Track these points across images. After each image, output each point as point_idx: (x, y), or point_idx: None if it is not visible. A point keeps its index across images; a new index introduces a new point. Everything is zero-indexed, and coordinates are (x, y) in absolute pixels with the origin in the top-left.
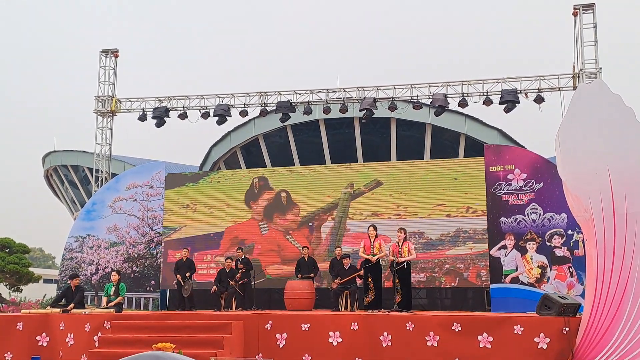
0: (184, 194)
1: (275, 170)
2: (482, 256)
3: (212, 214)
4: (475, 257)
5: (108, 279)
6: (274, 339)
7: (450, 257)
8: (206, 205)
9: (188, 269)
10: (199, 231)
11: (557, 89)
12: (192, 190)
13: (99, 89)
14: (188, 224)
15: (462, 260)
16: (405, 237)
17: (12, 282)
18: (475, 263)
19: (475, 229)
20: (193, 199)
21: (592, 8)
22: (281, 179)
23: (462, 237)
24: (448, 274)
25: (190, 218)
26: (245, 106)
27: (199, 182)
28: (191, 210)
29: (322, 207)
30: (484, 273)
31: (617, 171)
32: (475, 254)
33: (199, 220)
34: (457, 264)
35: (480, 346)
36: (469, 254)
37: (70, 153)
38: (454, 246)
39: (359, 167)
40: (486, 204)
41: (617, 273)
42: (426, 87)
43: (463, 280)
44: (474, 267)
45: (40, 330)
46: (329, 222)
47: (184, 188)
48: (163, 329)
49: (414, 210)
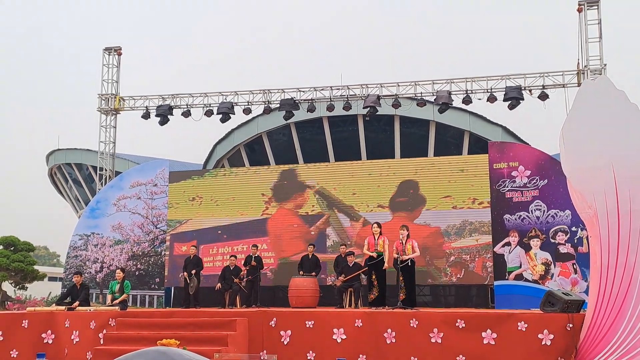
0: (189, 187)
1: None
2: (488, 247)
3: (217, 207)
4: (481, 249)
5: (113, 276)
6: (279, 336)
7: (456, 249)
8: (212, 198)
9: (195, 266)
10: (205, 224)
11: (561, 86)
12: (197, 183)
13: (102, 87)
14: (193, 216)
15: (467, 252)
16: (408, 234)
17: (17, 280)
18: (480, 255)
19: (482, 220)
20: (198, 192)
21: (596, 4)
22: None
23: (467, 229)
24: (454, 265)
25: (196, 211)
26: (249, 104)
27: (204, 176)
28: (197, 204)
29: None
30: (489, 264)
31: (621, 168)
32: (482, 245)
33: (205, 213)
34: (462, 255)
35: (484, 343)
36: (475, 246)
37: (74, 151)
38: (460, 238)
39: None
40: (490, 200)
41: (621, 270)
42: (430, 84)
43: (469, 272)
44: (480, 258)
45: (45, 327)
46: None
47: (189, 181)
48: (168, 326)
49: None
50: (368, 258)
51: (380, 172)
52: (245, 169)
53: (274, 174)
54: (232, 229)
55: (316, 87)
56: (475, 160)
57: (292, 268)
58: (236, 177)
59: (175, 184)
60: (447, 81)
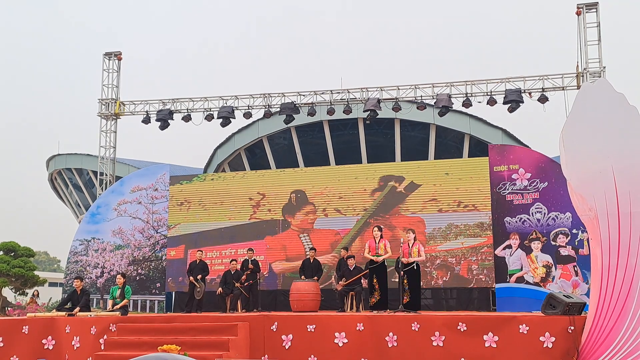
0: (177, 192)
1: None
2: (474, 250)
3: (205, 211)
4: (466, 252)
5: (113, 281)
6: (280, 340)
7: (442, 252)
8: (215, 202)
9: (201, 271)
10: (208, 227)
11: (561, 89)
12: (185, 188)
13: (102, 92)
14: (182, 221)
15: (453, 255)
16: (414, 237)
17: (17, 286)
18: (466, 258)
19: (467, 223)
20: (186, 196)
21: (595, 7)
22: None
23: (453, 232)
24: (439, 268)
25: (184, 215)
26: (249, 108)
27: (192, 181)
28: (185, 208)
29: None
30: (475, 267)
31: (621, 170)
32: (467, 248)
33: (193, 218)
34: (448, 258)
35: (486, 346)
36: (461, 249)
37: (75, 156)
38: (446, 241)
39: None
40: (491, 203)
41: (622, 272)
42: (430, 87)
43: (454, 274)
44: (466, 261)
45: (46, 333)
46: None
47: (177, 186)
48: (169, 331)
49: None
50: (369, 261)
51: (365, 175)
52: (232, 174)
53: (263, 178)
54: (220, 233)
55: (316, 90)
56: (475, 163)
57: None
58: (224, 181)
59: (174, 187)
60: (447, 84)
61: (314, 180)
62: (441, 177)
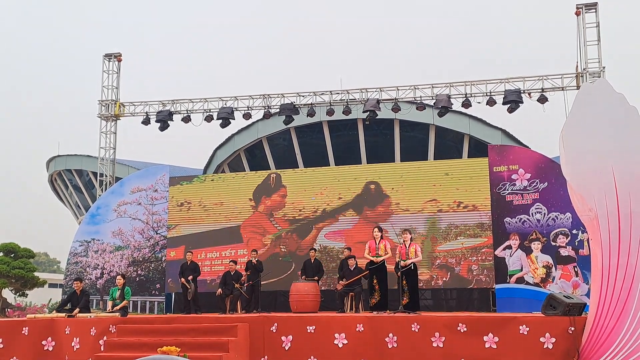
0: (177, 193)
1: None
2: (474, 251)
3: (205, 212)
4: (466, 253)
5: (113, 282)
6: (280, 341)
7: (442, 252)
8: (215, 202)
9: (192, 272)
10: (208, 228)
11: (560, 89)
12: (185, 189)
13: (102, 93)
14: (181, 222)
15: (453, 255)
16: (411, 238)
17: (17, 287)
18: (466, 258)
19: (467, 224)
20: (186, 197)
21: (594, 7)
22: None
23: (453, 232)
24: (440, 268)
25: (184, 216)
26: (249, 109)
27: (192, 181)
28: (185, 209)
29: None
30: (475, 267)
31: (621, 170)
32: (467, 248)
33: (193, 219)
34: (448, 258)
35: (486, 346)
36: (461, 249)
37: (75, 157)
38: (446, 241)
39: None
40: (490, 204)
41: (622, 272)
42: (429, 87)
43: (455, 275)
44: (466, 261)
45: (45, 334)
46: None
47: (178, 187)
48: (168, 332)
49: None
50: (369, 262)
51: (354, 175)
52: (232, 175)
53: (260, 179)
54: (220, 234)
55: (316, 91)
56: (474, 164)
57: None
58: (224, 182)
59: (173, 187)
60: (447, 85)
61: (314, 180)
62: (441, 178)
